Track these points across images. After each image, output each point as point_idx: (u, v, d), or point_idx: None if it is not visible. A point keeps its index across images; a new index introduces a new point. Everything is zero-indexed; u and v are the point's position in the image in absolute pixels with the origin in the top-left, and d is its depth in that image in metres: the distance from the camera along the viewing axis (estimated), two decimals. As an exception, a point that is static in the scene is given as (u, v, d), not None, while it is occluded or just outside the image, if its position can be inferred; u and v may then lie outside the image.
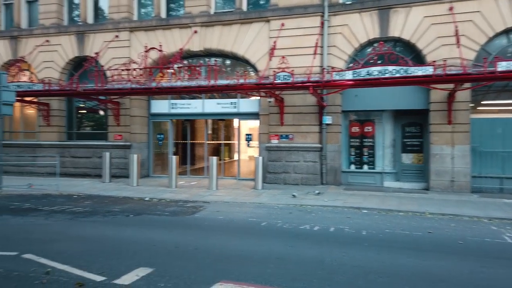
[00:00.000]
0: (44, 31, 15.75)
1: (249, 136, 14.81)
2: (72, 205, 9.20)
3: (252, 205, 9.54)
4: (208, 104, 14.82)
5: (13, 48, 16.23)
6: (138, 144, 14.98)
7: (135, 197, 10.63)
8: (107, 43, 14.79)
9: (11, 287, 4.08)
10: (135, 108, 14.87)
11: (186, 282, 4.27)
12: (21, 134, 16.81)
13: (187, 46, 14.00)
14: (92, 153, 15.17)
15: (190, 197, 10.60)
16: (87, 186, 12.58)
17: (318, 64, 12.51)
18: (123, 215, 8.08)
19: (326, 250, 5.60)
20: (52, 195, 10.78)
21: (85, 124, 16.53)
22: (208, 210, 8.79)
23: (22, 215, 7.90)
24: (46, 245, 5.67)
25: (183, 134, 16.83)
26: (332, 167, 12.85)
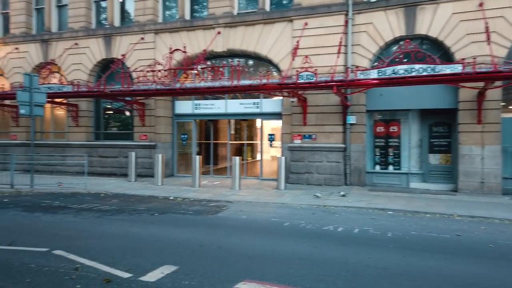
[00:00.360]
0: (73, 34, 16.26)
1: (272, 136, 14.82)
2: (100, 203, 9.45)
3: (274, 205, 9.53)
4: (231, 104, 14.91)
5: (44, 51, 16.83)
6: (163, 144, 15.23)
7: (160, 196, 10.81)
8: (133, 45, 15.11)
9: (43, 281, 4.23)
10: (160, 109, 15.13)
11: (210, 280, 4.31)
12: (51, 134, 17.41)
13: (211, 47, 14.13)
14: (119, 152, 15.55)
15: (213, 196, 10.69)
16: (113, 185, 12.89)
17: (341, 63, 12.36)
18: (148, 213, 8.24)
19: (350, 252, 5.53)
20: (81, 193, 11.11)
21: (112, 124, 16.96)
22: (231, 209, 8.84)
23: (52, 212, 8.18)
24: (75, 241, 5.85)
25: (206, 134, 17.00)
26: (356, 168, 12.66)
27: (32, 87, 11.79)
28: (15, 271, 4.54)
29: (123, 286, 4.12)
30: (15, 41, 17.27)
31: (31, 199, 9.89)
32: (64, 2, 17.00)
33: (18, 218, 7.56)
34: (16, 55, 17.23)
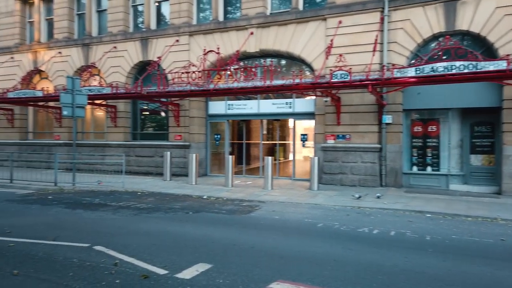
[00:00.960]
0: (112, 38, 16.88)
1: (305, 136, 14.70)
2: (137, 201, 9.75)
3: (307, 205, 9.45)
4: (263, 105, 14.93)
5: (85, 55, 17.58)
6: (197, 144, 15.49)
7: (194, 195, 11.00)
8: (168, 47, 15.48)
9: (85, 276, 4.42)
10: (194, 109, 15.40)
11: (244, 279, 4.33)
12: (91, 134, 18.16)
13: (244, 48, 14.21)
14: (154, 152, 15.97)
15: (245, 196, 10.75)
16: (149, 183, 13.26)
17: (377, 62, 12.07)
18: (183, 212, 8.40)
19: (386, 255, 5.38)
20: (119, 191, 11.51)
21: (148, 125, 17.46)
22: (264, 209, 8.86)
23: (92, 209, 8.53)
24: (114, 238, 6.07)
25: (239, 134, 17.13)
26: (392, 169, 12.32)
27: (74, 90, 12.36)
28: (59, 265, 4.76)
29: (160, 282, 4.23)
30: (58, 45, 18.16)
31: (73, 197, 10.36)
32: (103, 7, 17.70)
33: (61, 215, 7.94)
34: (59, 58, 18.11)
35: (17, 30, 19.41)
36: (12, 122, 19.20)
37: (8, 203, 9.21)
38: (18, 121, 19.24)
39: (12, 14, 19.45)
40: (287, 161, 18.92)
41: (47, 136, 19.04)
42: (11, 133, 19.37)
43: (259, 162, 15.95)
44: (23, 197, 10.24)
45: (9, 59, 19.35)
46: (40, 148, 18.37)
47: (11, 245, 5.53)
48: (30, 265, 4.74)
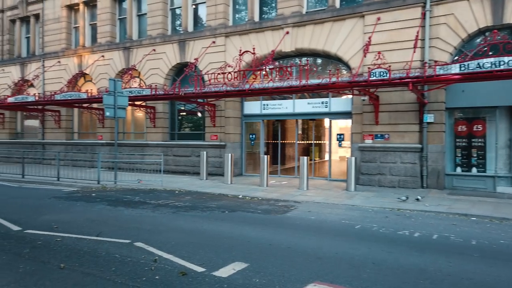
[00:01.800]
0: (151, 41, 17.39)
1: (341, 136, 14.43)
2: (174, 199, 9.98)
3: (344, 206, 9.26)
4: (298, 104, 14.83)
5: (126, 58, 18.23)
6: (232, 144, 15.64)
7: (229, 194, 11.10)
8: (205, 49, 15.74)
9: (126, 271, 4.57)
10: (230, 110, 15.55)
11: (280, 280, 4.31)
12: (132, 134, 18.81)
13: (279, 48, 14.19)
14: (191, 152, 16.29)
15: (281, 196, 10.71)
16: (186, 182, 13.52)
17: (418, 59, 11.65)
18: (219, 211, 8.50)
19: (428, 259, 5.16)
20: (157, 190, 11.83)
21: (185, 125, 17.84)
22: (300, 210, 8.78)
23: (133, 207, 8.82)
24: (154, 235, 6.24)
25: (274, 134, 17.11)
26: (434, 170, 11.84)
27: (116, 91, 12.84)
28: (102, 260, 4.96)
29: (197, 280, 4.29)
30: (101, 49, 18.95)
31: (115, 194, 10.76)
32: (143, 11, 18.28)
33: (104, 212, 8.27)
34: (102, 62, 18.89)
35: (63, 35, 20.46)
36: (59, 123, 20.26)
37: (56, 200, 9.72)
38: (64, 122, 20.27)
39: (59, 21, 20.53)
40: (323, 161, 18.67)
41: (90, 136, 19.94)
42: (58, 134, 20.44)
43: (294, 162, 15.87)
44: (69, 194, 10.77)
45: (56, 63, 20.43)
46: (84, 147, 19.27)
47: (58, 240, 5.83)
48: (75, 259, 4.97)
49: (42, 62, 21.03)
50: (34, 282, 4.21)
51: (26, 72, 21.75)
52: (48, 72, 20.77)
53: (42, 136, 21.10)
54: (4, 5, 22.87)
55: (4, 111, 22.21)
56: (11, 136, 22.80)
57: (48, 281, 4.24)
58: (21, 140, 22.29)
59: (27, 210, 8.24)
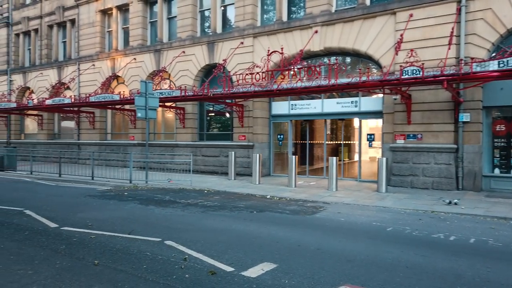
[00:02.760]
0: (181, 43, 17.68)
1: (371, 136, 14.12)
2: (203, 199, 10.09)
3: (375, 208, 9.05)
4: (327, 104, 14.64)
5: (157, 60, 18.63)
6: (260, 144, 15.64)
7: (257, 194, 11.10)
8: (233, 50, 15.83)
9: (157, 269, 4.64)
10: (258, 110, 15.57)
11: (310, 281, 4.25)
12: (162, 135, 19.20)
13: (307, 47, 14.06)
14: (219, 152, 16.43)
15: (309, 197, 10.60)
16: (215, 182, 13.65)
17: (453, 56, 11.22)
18: (247, 211, 8.51)
19: (465, 264, 4.95)
20: (187, 189, 12.00)
21: (213, 126, 18.02)
22: (329, 211, 8.65)
23: (163, 206, 8.98)
24: (183, 233, 6.32)
25: (302, 134, 16.99)
26: (470, 171, 11.36)
27: (147, 93, 13.14)
28: (134, 257, 5.06)
29: (226, 279, 4.30)
30: (133, 52, 19.46)
31: (146, 193, 11.01)
32: (173, 13, 18.61)
33: (135, 210, 8.47)
34: (134, 64, 19.40)
35: (97, 39, 21.17)
36: (93, 124, 20.98)
37: (90, 198, 10.05)
38: (98, 123, 20.97)
39: (94, 25, 21.26)
40: (352, 162, 18.35)
41: (123, 137, 20.52)
42: (92, 134, 21.17)
43: (322, 162, 15.68)
44: (102, 193, 11.12)
45: (91, 66, 21.18)
46: (117, 147, 19.84)
47: (92, 237, 6.02)
48: (108, 256, 5.11)
49: (77, 66, 21.85)
50: (70, 277, 4.35)
51: (62, 75, 22.67)
52: (83, 75, 21.56)
53: (77, 136, 21.93)
54: (43, 11, 23.94)
55: (42, 113, 23.24)
56: (49, 136, 23.82)
57: (83, 277, 4.38)
58: (58, 140, 23.25)
59: (64, 208, 8.57)
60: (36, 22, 24.40)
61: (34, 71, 24.32)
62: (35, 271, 4.54)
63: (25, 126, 25.90)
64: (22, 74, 25.12)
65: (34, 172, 15.65)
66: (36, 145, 23.61)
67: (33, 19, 24.53)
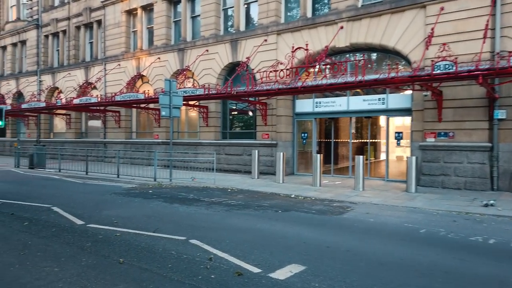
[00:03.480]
0: (204, 42, 17.67)
1: (399, 134, 13.65)
2: (227, 198, 9.98)
3: (405, 209, 8.70)
4: (353, 101, 14.28)
5: (180, 59, 18.71)
6: (283, 143, 15.43)
7: (281, 193, 10.91)
8: (256, 47, 15.68)
9: (182, 268, 4.54)
10: (281, 108, 15.36)
11: (341, 285, 4.04)
12: (186, 133, 19.28)
13: (332, 43, 13.74)
14: (243, 151, 16.32)
15: (335, 196, 10.33)
16: (238, 181, 13.54)
17: (487, 50, 10.68)
18: (272, 210, 8.33)
19: (508, 269, 4.61)
20: (210, 188, 11.94)
21: (236, 124, 17.94)
22: (357, 211, 8.36)
23: (187, 204, 8.92)
24: (208, 232, 6.21)
25: (326, 132, 16.65)
26: (506, 171, 10.79)
27: (171, 91, 13.16)
28: (159, 256, 4.98)
29: (254, 281, 4.15)
30: (157, 51, 19.62)
31: (170, 191, 11.01)
32: (197, 12, 18.64)
33: (160, 208, 8.44)
34: (158, 64, 19.55)
35: (123, 39, 21.48)
36: (119, 123, 21.31)
37: (115, 196, 10.12)
38: (123, 122, 21.28)
39: (119, 25, 21.58)
40: (379, 161, 17.88)
41: (147, 136, 20.74)
42: (118, 133, 21.51)
43: (347, 161, 15.34)
44: (127, 190, 11.20)
45: (116, 66, 21.51)
46: (142, 146, 20.07)
47: (117, 235, 5.98)
48: (133, 254, 5.05)
49: (103, 66, 22.25)
50: (95, 275, 4.30)
51: (89, 75, 23.15)
52: (109, 75, 21.93)
53: (103, 135, 22.32)
54: (70, 13, 24.50)
55: (70, 112, 23.81)
56: (77, 135, 24.39)
57: (109, 275, 4.32)
58: (85, 139, 23.76)
59: (90, 205, 8.64)
60: (64, 24, 25.02)
61: (62, 71, 24.95)
62: (61, 268, 4.52)
63: (54, 125, 26.61)
64: (51, 75, 25.82)
65: (62, 170, 16.00)
66: (64, 144, 24.18)
67: (61, 20, 25.15)
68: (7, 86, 29.07)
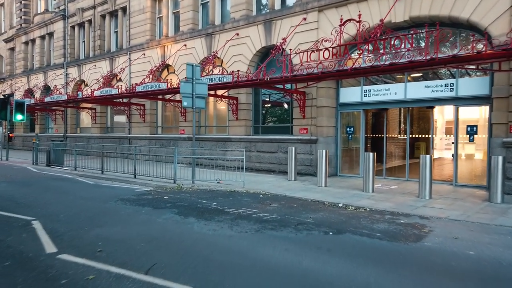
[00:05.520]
0: (234, 25, 15.62)
1: (473, 128, 10.96)
2: (258, 208, 7.90)
3: (504, 230, 6.26)
4: (412, 88, 11.79)
5: (208, 45, 16.77)
6: (325, 139, 13.14)
7: (326, 201, 8.75)
8: (293, 28, 13.44)
9: None
10: (322, 98, 13.06)
11: None
12: (214, 128, 17.36)
13: (387, 18, 11.26)
14: (277, 147, 14.18)
15: (396, 207, 8.03)
16: (272, 183, 11.46)
17: None
18: (319, 230, 6.14)
19: None
20: (238, 192, 9.93)
21: (270, 118, 15.78)
22: (438, 234, 6.01)
23: (206, 219, 6.88)
24: (230, 277, 4.13)
25: (376, 126, 14.20)
26: None
27: (194, 78, 11.23)
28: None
29: None
30: (184, 38, 17.79)
31: (189, 198, 9.06)
32: (226, -8, 16.64)
33: (169, 225, 6.43)
34: (184, 51, 17.73)
35: (148, 26, 19.84)
36: (144, 117, 19.75)
37: (121, 204, 8.27)
38: (148, 116, 19.70)
39: (144, 11, 19.96)
40: (439, 160, 15.17)
41: (173, 131, 19.02)
42: (143, 128, 19.96)
43: (399, 160, 12.83)
44: (139, 196, 9.36)
45: (141, 55, 19.93)
46: (167, 142, 18.37)
47: (89, 279, 3.94)
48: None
49: (128, 55, 20.76)
50: None
51: (114, 66, 21.77)
52: (133, 65, 20.42)
53: (128, 130, 20.88)
54: (96, 1, 23.22)
55: (96, 106, 22.60)
56: (102, 130, 23.14)
57: None
58: (111, 134, 22.44)
59: (83, 218, 6.79)
60: (89, 13, 23.79)
61: (88, 63, 23.78)
62: None
63: (80, 120, 25.61)
64: (77, 67, 24.76)
65: (78, 168, 14.54)
66: (90, 139, 23.07)
67: (86, 9, 23.95)
68: (36, 80, 28.47)
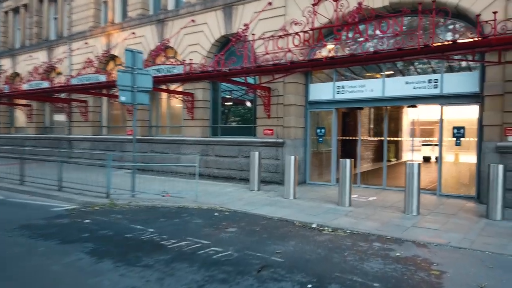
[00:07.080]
0: (190, 10, 13.57)
1: (460, 130, 9.60)
2: (210, 236, 5.96)
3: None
4: (391, 85, 10.38)
5: (159, 33, 14.60)
6: (293, 141, 11.41)
7: (296, 220, 7.07)
8: (257, 14, 11.62)
9: None
10: (290, 95, 11.34)
11: None
12: (167, 129, 15.18)
13: (365, 2, 9.66)
14: (238, 151, 12.29)
15: (382, 228, 6.49)
16: (231, 195, 9.59)
17: None
18: (293, 282, 4.28)
19: None
20: (188, 209, 7.96)
21: (230, 117, 13.84)
22: (454, 279, 4.36)
23: (130, 262, 4.79)
24: None
25: (349, 127, 12.69)
26: None
27: (135, 68, 9.12)
28: None
29: None
30: (132, 25, 15.50)
31: (120, 221, 6.94)
32: (180, -27, 14.52)
33: (65, 279, 4.31)
34: (133, 40, 15.43)
35: (91, 11, 17.32)
36: (86, 115, 17.19)
37: (18, 235, 5.97)
38: (91, 114, 17.18)
39: (87, -5, 17.42)
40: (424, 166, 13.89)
41: (120, 131, 16.61)
42: (85, 128, 17.39)
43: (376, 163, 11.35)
44: (51, 219, 7.09)
45: (83, 45, 17.37)
46: (113, 144, 15.96)
47: None
48: None
49: (68, 45, 18.09)
50: None
51: (52, 57, 18.96)
52: (75, 56, 17.81)
53: (68, 131, 18.19)
54: (32, -17, 20.30)
55: (31, 102, 19.67)
56: (39, 130, 20.18)
57: None
58: (50, 135, 19.57)
59: None
60: (25, -4, 20.80)
61: (23, 53, 20.78)
62: None
63: (14, 119, 22.42)
64: (11, 58, 21.63)
65: (-6, 177, 11.90)
66: (25, 141, 20.06)
67: (22, -8, 20.95)
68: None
